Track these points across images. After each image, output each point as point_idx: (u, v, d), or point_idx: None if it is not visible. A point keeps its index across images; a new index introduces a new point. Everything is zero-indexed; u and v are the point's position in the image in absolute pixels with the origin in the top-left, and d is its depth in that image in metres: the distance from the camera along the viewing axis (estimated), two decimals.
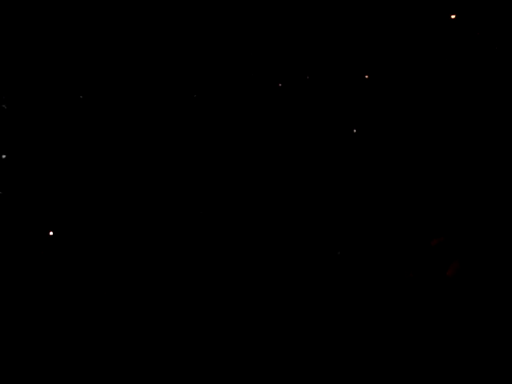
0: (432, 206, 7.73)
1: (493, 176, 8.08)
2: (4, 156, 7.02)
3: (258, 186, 7.79)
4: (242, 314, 5.00)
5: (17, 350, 4.24)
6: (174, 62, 7.73)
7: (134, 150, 8.18)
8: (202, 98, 7.85)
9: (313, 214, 7.28)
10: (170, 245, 7.03)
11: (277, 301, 5.23)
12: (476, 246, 5.43)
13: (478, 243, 5.57)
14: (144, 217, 7.73)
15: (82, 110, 8.00)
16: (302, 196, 7.02)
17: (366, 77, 7.94)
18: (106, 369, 4.21)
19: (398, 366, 3.88)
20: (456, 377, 3.53)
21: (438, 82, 9.54)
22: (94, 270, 6.77)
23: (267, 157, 9.14)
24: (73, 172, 8.29)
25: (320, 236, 6.98)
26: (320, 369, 3.92)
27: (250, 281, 5.89)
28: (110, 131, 8.02)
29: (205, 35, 8.03)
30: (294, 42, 8.07)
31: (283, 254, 6.40)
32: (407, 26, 8.60)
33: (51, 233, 7.82)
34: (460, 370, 3.54)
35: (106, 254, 7.18)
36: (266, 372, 3.82)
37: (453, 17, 7.72)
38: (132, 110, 8.16)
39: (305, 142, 9.21)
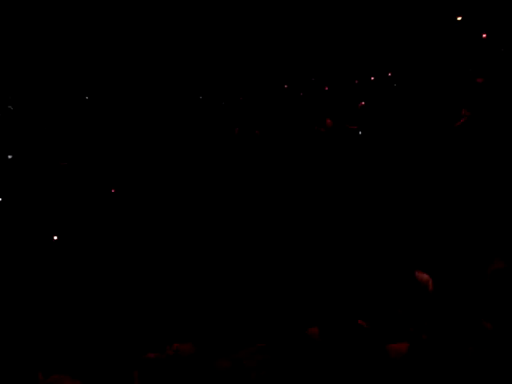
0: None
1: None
2: (10, 156, 7.06)
3: (258, 186, 7.74)
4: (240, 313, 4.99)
5: (17, 349, 4.21)
6: (178, 63, 7.69)
7: (137, 153, 8.12)
8: (207, 99, 7.80)
9: (314, 214, 7.22)
10: (170, 244, 7.01)
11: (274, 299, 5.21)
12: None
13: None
14: (145, 217, 7.67)
15: (86, 113, 7.96)
16: (304, 195, 6.99)
17: (372, 78, 7.83)
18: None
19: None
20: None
21: (440, 84, 9.37)
22: (96, 271, 6.76)
23: (270, 156, 9.01)
24: (76, 174, 8.23)
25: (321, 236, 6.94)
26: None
27: (250, 280, 5.88)
28: (114, 134, 7.97)
29: (210, 38, 8.01)
30: (299, 44, 8.03)
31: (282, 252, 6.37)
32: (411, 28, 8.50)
33: (55, 237, 7.81)
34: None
35: (108, 255, 7.16)
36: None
37: (459, 18, 7.63)
38: (136, 113, 8.12)
39: (308, 141, 9.09)
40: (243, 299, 5.46)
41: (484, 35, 9.22)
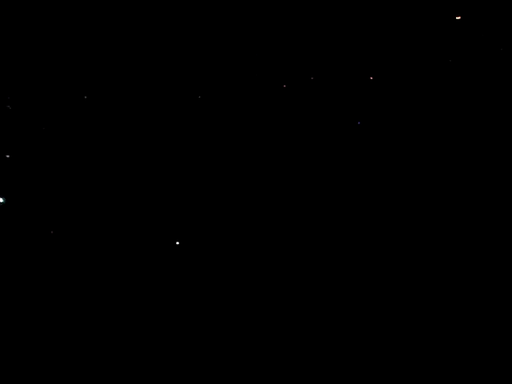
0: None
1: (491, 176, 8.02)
2: (8, 156, 7.06)
3: (258, 187, 7.77)
4: (242, 315, 4.99)
5: (17, 350, 4.21)
6: (176, 62, 7.70)
7: (135, 152, 8.14)
8: (205, 99, 7.82)
9: (314, 215, 7.24)
10: (169, 245, 7.02)
11: (277, 301, 5.21)
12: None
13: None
14: (144, 217, 7.69)
15: (84, 111, 7.98)
16: (304, 197, 7.01)
17: (371, 78, 7.88)
18: (106, 369, 4.18)
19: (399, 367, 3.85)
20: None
21: (440, 83, 9.40)
22: (94, 270, 6.79)
23: (270, 158, 9.01)
24: (75, 172, 8.24)
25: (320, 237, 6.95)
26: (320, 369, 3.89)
27: (250, 281, 5.88)
28: (112, 132, 7.99)
29: (208, 35, 7.99)
30: (298, 42, 8.03)
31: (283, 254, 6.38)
32: (410, 27, 8.50)
33: (52, 232, 7.80)
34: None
35: (106, 254, 7.18)
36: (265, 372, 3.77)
37: (458, 18, 7.69)
38: (134, 112, 8.12)
39: (308, 142, 9.13)
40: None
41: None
